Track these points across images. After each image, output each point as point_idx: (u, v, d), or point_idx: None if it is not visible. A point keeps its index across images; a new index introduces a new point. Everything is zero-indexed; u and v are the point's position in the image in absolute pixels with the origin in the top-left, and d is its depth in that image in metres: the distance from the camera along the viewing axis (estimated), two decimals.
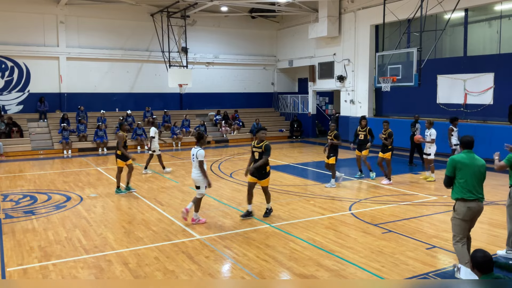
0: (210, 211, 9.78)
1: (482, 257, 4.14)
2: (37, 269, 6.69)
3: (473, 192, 5.93)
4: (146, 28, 23.52)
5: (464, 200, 5.94)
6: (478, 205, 6.00)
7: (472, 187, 5.93)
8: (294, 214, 9.55)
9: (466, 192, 5.93)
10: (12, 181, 13.56)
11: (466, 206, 5.94)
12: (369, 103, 21.55)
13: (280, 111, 27.97)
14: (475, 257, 4.17)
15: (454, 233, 6.13)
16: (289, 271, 6.53)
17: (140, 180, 13.55)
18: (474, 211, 5.98)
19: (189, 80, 22.90)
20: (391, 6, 17.67)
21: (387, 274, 6.37)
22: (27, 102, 21.59)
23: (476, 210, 6.00)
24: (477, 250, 4.25)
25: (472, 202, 5.94)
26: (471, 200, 5.93)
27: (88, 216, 9.53)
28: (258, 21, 26.57)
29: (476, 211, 6.01)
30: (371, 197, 11.04)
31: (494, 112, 16.47)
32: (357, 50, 21.75)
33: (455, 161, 6.03)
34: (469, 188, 5.93)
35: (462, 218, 6.00)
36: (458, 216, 6.03)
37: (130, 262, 6.87)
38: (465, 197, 5.93)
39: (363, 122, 13.01)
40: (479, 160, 6.06)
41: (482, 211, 6.12)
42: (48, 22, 21.64)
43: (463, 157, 6.04)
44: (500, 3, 16.26)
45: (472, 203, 5.94)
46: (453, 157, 6.11)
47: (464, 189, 5.94)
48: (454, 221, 6.11)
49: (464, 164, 5.98)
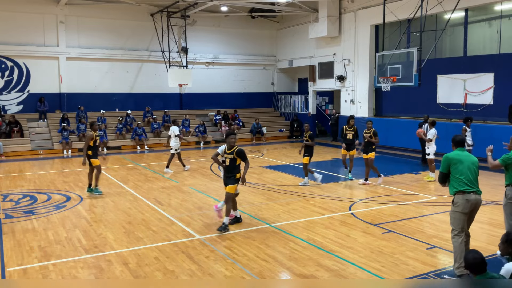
0: (210, 211, 9.78)
1: (473, 258, 4.19)
2: (37, 269, 6.69)
3: (470, 185, 6.10)
4: (146, 28, 23.52)
5: (463, 192, 6.09)
6: (476, 198, 6.13)
7: (468, 181, 6.10)
8: (294, 214, 9.55)
9: (464, 185, 6.09)
10: (12, 181, 13.55)
11: (465, 199, 6.07)
12: (369, 103, 21.55)
13: (280, 111, 27.97)
14: (467, 258, 4.23)
15: (453, 226, 6.24)
16: (289, 271, 6.52)
17: (140, 180, 13.54)
18: (473, 203, 6.10)
19: (189, 80, 22.90)
20: (391, 6, 17.67)
21: (387, 274, 6.36)
22: (27, 102, 21.59)
23: (475, 203, 6.12)
24: (469, 251, 4.32)
25: (471, 194, 6.08)
26: (469, 192, 6.08)
27: (88, 216, 9.53)
28: (258, 21, 26.56)
29: (474, 203, 6.13)
30: (371, 197, 11.04)
31: (494, 112, 16.47)
32: (357, 50, 21.74)
33: (449, 158, 6.26)
34: (466, 181, 6.10)
35: (461, 210, 6.11)
36: (457, 209, 6.14)
37: (130, 262, 6.87)
38: (463, 190, 6.09)
39: (351, 121, 13.25)
40: (472, 157, 6.32)
41: (480, 207, 6.26)
42: (48, 22, 21.64)
43: (457, 153, 6.29)
44: (500, 3, 16.26)
45: (470, 195, 6.08)
46: (447, 155, 6.31)
47: (461, 182, 6.11)
48: (453, 214, 6.22)
49: (458, 160, 6.20)
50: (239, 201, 10.67)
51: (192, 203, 10.60)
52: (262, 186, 12.39)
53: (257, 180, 13.30)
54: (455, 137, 6.48)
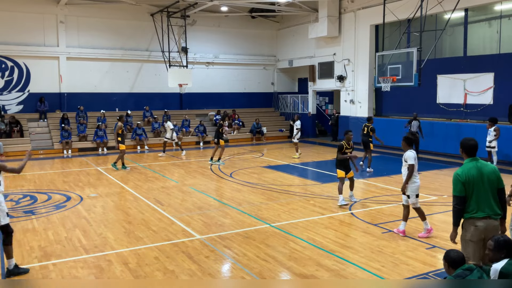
0: (210, 211, 9.78)
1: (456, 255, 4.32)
2: (37, 269, 6.69)
3: (483, 209, 4.98)
4: (146, 28, 23.52)
5: (472, 218, 5.01)
6: (488, 223, 4.97)
7: (483, 203, 4.98)
8: (294, 214, 9.55)
9: (475, 209, 4.99)
10: (12, 181, 13.55)
11: (474, 225, 5.00)
12: (369, 103, 21.55)
13: (280, 111, 27.96)
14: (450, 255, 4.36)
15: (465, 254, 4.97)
16: (289, 271, 6.53)
17: (140, 180, 13.55)
18: (481, 230, 4.97)
19: (189, 80, 22.90)
20: (391, 6, 17.66)
21: (387, 274, 6.37)
22: (27, 102, 21.58)
23: (486, 230, 4.94)
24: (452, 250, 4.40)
25: (481, 221, 4.97)
26: (480, 218, 4.98)
27: (88, 216, 9.53)
28: (258, 21, 26.56)
29: (485, 231, 4.95)
30: (371, 197, 11.04)
31: (494, 112, 16.45)
32: (357, 50, 21.74)
33: (461, 177, 5.01)
34: (479, 204, 4.99)
35: (469, 238, 5.05)
36: (465, 237, 5.11)
37: (130, 262, 6.87)
38: (473, 216, 5.00)
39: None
40: (487, 167, 5.07)
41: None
42: (48, 22, 21.63)
43: (469, 169, 5.03)
44: (500, 3, 16.26)
45: (481, 221, 4.97)
46: (457, 173, 5.07)
47: (472, 206, 5.00)
48: (462, 241, 5.19)
49: (471, 179, 4.98)
50: (239, 201, 10.69)
51: (192, 203, 10.61)
52: (262, 186, 12.39)
53: (257, 180, 13.30)
54: (465, 142, 5.14)
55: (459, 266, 4.24)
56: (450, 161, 16.18)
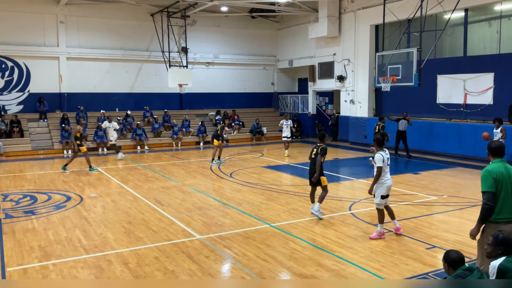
0: (210, 211, 9.78)
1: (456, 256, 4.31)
2: (37, 269, 6.69)
3: (508, 211, 4.78)
4: (146, 28, 23.52)
5: (496, 222, 4.77)
6: None
7: (507, 205, 4.78)
8: (294, 214, 9.55)
9: (499, 211, 4.77)
10: (12, 181, 13.56)
11: (498, 229, 4.69)
12: (369, 103, 21.54)
13: (280, 111, 27.95)
14: (450, 255, 4.34)
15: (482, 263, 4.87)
16: (289, 271, 6.53)
17: (140, 180, 13.54)
18: None
19: (189, 80, 22.90)
20: (391, 6, 17.66)
21: (387, 274, 6.37)
22: (27, 102, 21.57)
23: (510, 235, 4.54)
24: (452, 250, 4.39)
25: (507, 225, 4.73)
26: (505, 223, 4.74)
27: (88, 216, 9.53)
28: (258, 21, 26.56)
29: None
30: (371, 197, 11.02)
31: (494, 112, 16.43)
32: (357, 50, 21.74)
33: (492, 173, 4.81)
34: (503, 206, 4.78)
35: None
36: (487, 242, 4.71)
37: (130, 262, 6.87)
38: (497, 219, 4.77)
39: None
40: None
41: None
42: (48, 22, 21.63)
43: (499, 166, 4.87)
44: (500, 3, 16.25)
45: (506, 226, 4.72)
46: (487, 169, 4.89)
47: (496, 207, 4.78)
48: (479, 245, 4.94)
49: (501, 177, 4.79)
50: (239, 201, 10.69)
51: (192, 203, 10.61)
52: (262, 186, 12.39)
53: (257, 180, 13.31)
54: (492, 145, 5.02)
55: (459, 266, 4.25)
56: (450, 161, 16.19)
